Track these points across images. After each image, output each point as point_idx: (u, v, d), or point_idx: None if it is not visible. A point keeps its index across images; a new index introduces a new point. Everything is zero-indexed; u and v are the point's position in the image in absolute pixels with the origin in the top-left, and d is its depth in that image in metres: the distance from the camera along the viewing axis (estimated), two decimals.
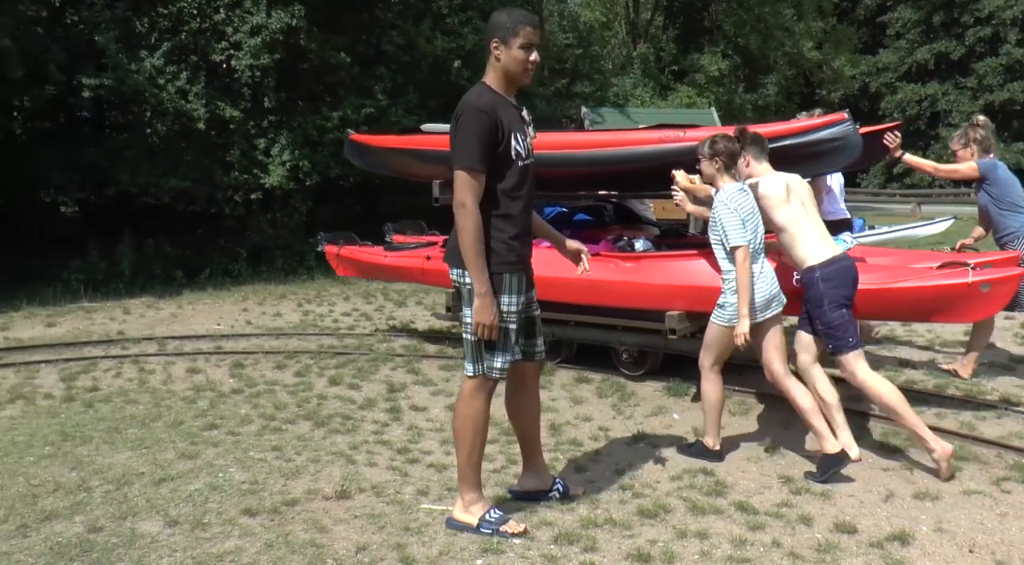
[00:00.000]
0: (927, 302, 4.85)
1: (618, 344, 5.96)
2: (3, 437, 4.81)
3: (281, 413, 5.25)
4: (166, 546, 3.35)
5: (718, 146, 4.26)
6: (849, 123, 4.99)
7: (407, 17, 12.47)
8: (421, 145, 6.57)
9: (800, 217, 4.36)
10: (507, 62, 3.35)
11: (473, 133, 3.22)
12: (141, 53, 11.02)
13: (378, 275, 7.77)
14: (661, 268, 5.48)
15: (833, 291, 4.21)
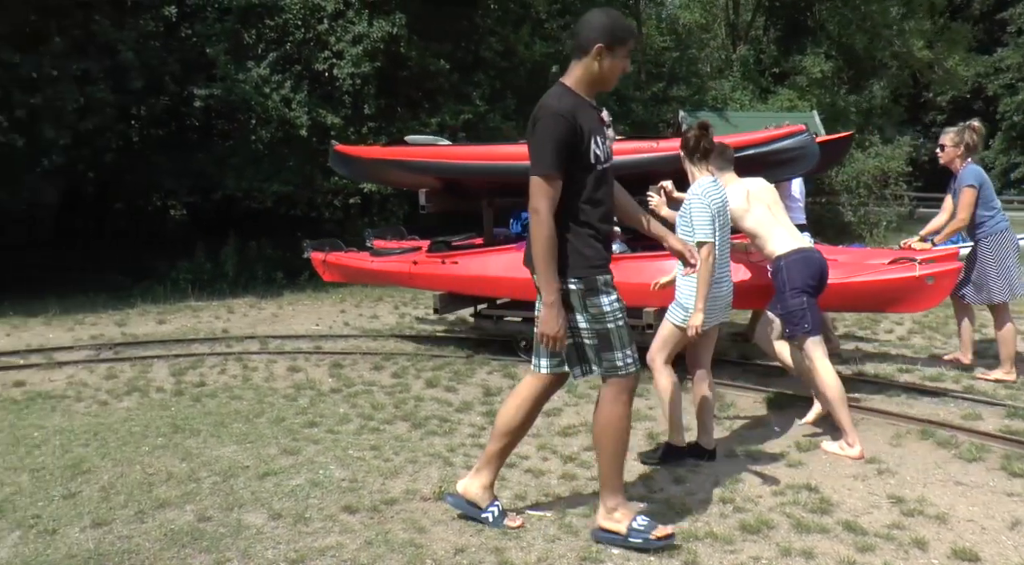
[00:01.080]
0: (881, 294, 5.30)
1: None
2: (121, 427, 5.06)
3: (379, 413, 5.33)
4: (270, 538, 3.43)
5: (688, 140, 4.30)
6: (808, 134, 5.60)
7: (506, 23, 12.54)
8: (407, 156, 6.95)
9: (765, 220, 4.71)
10: (607, 69, 3.27)
11: (551, 138, 3.13)
12: (248, 63, 11.46)
13: (365, 280, 8.05)
14: (637, 268, 5.82)
15: (796, 276, 4.51)
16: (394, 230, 8.28)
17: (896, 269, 5.28)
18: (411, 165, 6.89)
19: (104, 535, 3.50)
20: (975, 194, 5.82)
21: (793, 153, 5.64)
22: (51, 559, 3.30)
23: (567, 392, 5.78)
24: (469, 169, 6.78)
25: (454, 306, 7.14)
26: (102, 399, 5.86)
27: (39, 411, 5.56)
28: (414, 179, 7.20)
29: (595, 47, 3.22)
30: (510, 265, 6.36)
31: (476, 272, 6.64)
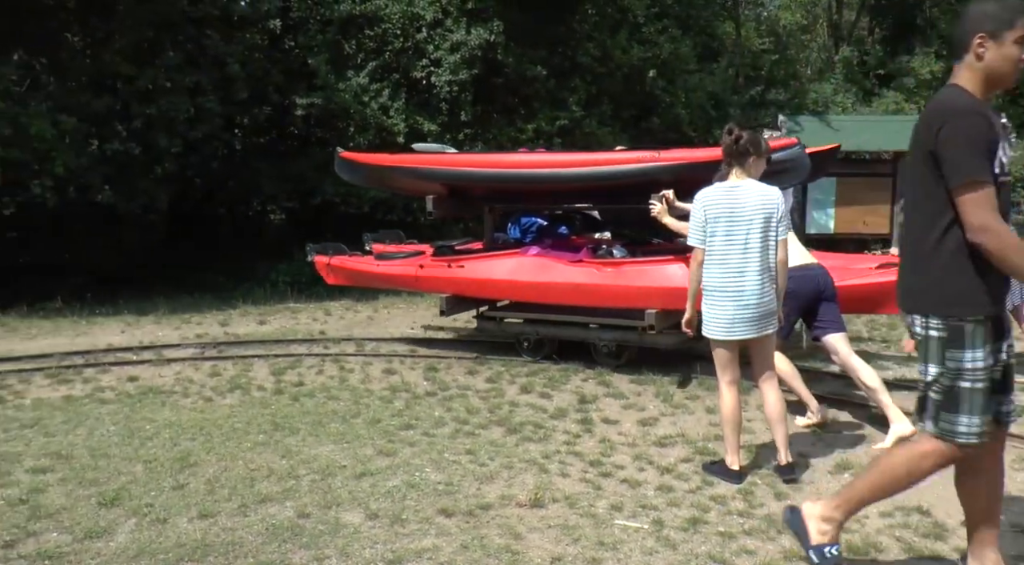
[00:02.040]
0: (870, 296, 5.69)
1: (598, 340, 6.66)
2: (225, 423, 5.22)
3: (474, 418, 5.33)
4: (367, 538, 3.46)
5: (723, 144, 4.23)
6: (799, 147, 5.87)
7: (603, 28, 12.46)
8: (415, 163, 7.13)
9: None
10: (994, 60, 2.70)
11: (970, 139, 2.61)
12: (348, 73, 11.74)
13: (369, 283, 8.09)
14: (639, 272, 6.24)
15: (796, 289, 4.83)
16: (393, 234, 8.47)
17: (882, 273, 5.78)
18: (421, 172, 7.08)
19: (210, 526, 3.61)
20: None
21: (787, 165, 5.83)
22: (162, 547, 3.41)
23: (663, 401, 5.68)
24: (473, 176, 6.94)
25: (460, 308, 7.38)
26: (207, 395, 6.07)
27: (150, 405, 5.79)
28: (420, 185, 7.39)
29: (975, 39, 2.71)
30: (515, 269, 6.70)
31: (482, 275, 6.86)
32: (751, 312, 4.05)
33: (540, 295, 6.63)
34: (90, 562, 3.32)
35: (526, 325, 7.03)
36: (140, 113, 11.63)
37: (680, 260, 6.08)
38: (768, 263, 4.07)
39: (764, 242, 4.04)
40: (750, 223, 4.02)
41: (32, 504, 3.90)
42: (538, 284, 6.53)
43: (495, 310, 7.35)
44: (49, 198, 11.06)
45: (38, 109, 10.85)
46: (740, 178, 4.13)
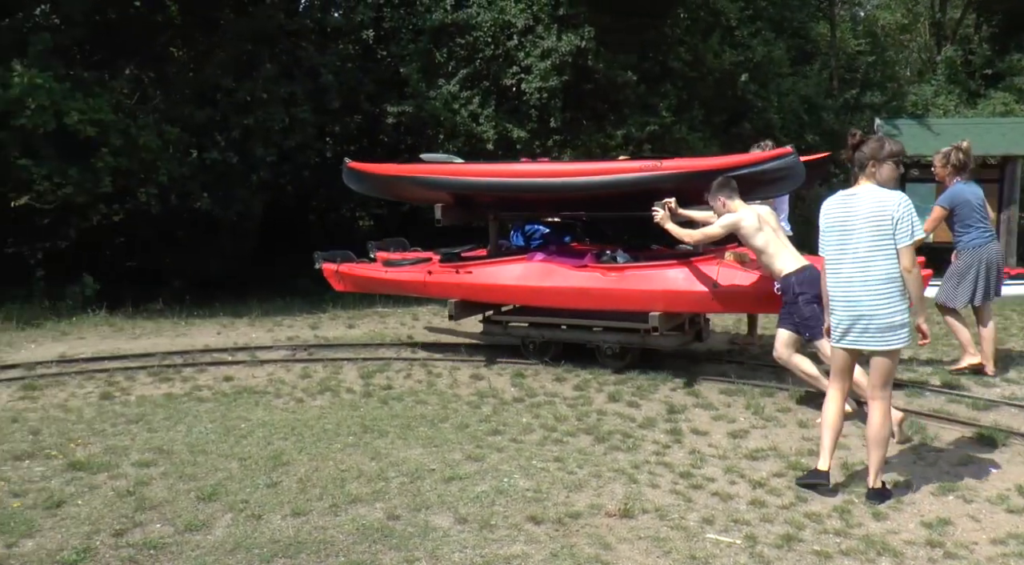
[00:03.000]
0: None
1: (602, 342, 6.87)
2: (315, 424, 5.32)
3: (562, 425, 5.30)
4: (457, 542, 3.47)
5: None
6: (794, 155, 6.00)
7: (695, 32, 12.26)
8: (422, 173, 7.26)
9: (773, 239, 5.54)
10: None
11: None
12: (439, 81, 11.87)
13: (378, 289, 8.26)
14: (643, 277, 6.45)
15: (807, 289, 5.24)
16: (396, 242, 8.53)
17: None
18: (430, 182, 7.21)
19: (302, 524, 3.68)
20: (943, 213, 6.52)
21: (783, 173, 6.08)
22: (257, 542, 3.50)
23: (753, 413, 5.54)
24: (480, 185, 7.09)
25: (467, 313, 7.52)
26: (298, 396, 6.21)
27: (244, 404, 5.97)
28: (428, 194, 7.57)
29: None
30: (522, 274, 6.90)
31: (490, 281, 7.02)
32: (862, 323, 3.96)
33: (547, 299, 6.88)
34: (191, 554, 3.42)
35: (531, 329, 7.26)
36: (238, 124, 12.05)
37: (682, 265, 6.39)
38: (887, 272, 3.92)
39: (877, 250, 3.92)
40: (860, 231, 3.94)
41: (138, 496, 4.07)
42: (545, 288, 6.77)
43: (500, 314, 7.55)
44: (153, 205, 11.58)
45: (146, 121, 11.37)
46: (861, 184, 4.06)
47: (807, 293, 5.26)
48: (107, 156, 10.60)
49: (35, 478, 4.41)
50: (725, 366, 6.93)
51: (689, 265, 6.37)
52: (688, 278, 6.28)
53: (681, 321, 6.95)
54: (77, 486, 4.26)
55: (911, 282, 3.91)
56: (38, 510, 3.94)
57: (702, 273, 6.28)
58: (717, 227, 5.74)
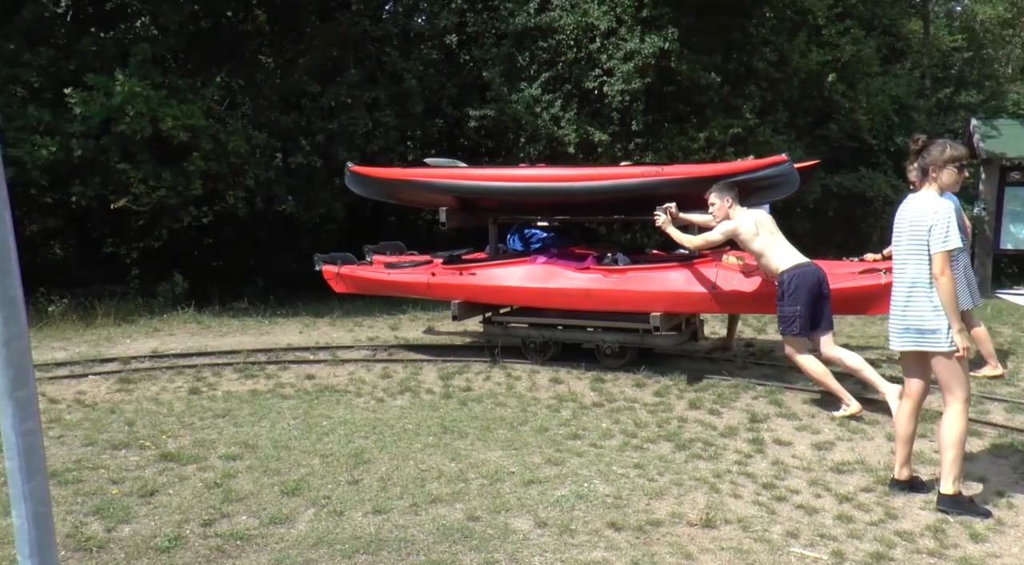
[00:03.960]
0: (857, 298, 6.20)
1: (601, 342, 7.08)
2: (396, 423, 5.38)
3: (642, 431, 5.22)
4: (536, 545, 3.44)
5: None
6: (788, 163, 6.31)
7: (781, 32, 11.95)
8: (428, 177, 7.41)
9: (770, 241, 5.82)
10: None
11: None
12: (521, 84, 11.89)
13: (380, 291, 8.31)
14: (644, 278, 6.71)
15: (801, 285, 5.54)
16: (393, 246, 8.72)
17: (867, 278, 6.21)
18: (435, 186, 7.37)
19: (383, 522, 3.71)
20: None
21: (779, 179, 6.35)
22: (339, 538, 3.54)
23: (839, 425, 5.35)
24: (486, 189, 7.21)
25: (470, 313, 7.68)
26: (378, 396, 6.29)
27: (326, 402, 6.07)
28: (432, 198, 7.73)
29: None
30: (526, 276, 7.10)
31: (494, 282, 7.20)
32: (894, 324, 4.08)
33: (550, 300, 7.08)
34: (275, 546, 3.49)
35: (531, 329, 7.43)
36: (322, 128, 12.33)
37: (682, 267, 6.66)
38: (915, 276, 3.97)
39: (911, 255, 3.99)
40: (902, 235, 4.05)
41: (225, 488, 4.18)
42: (548, 290, 6.97)
43: (501, 315, 7.72)
44: (240, 208, 11.94)
45: (234, 126, 11.75)
46: (921, 190, 4.09)
47: (794, 291, 5.57)
48: (198, 160, 11.00)
49: (130, 467, 4.58)
50: None
51: (689, 267, 6.64)
52: (688, 279, 6.57)
53: (679, 321, 7.17)
54: (168, 476, 4.40)
55: (939, 289, 3.88)
56: (133, 498, 4.09)
57: (701, 275, 6.56)
58: (717, 234, 5.99)
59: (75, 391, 6.65)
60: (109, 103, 10.53)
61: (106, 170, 11.22)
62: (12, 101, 10.85)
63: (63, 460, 4.70)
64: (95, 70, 11.01)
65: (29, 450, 1.51)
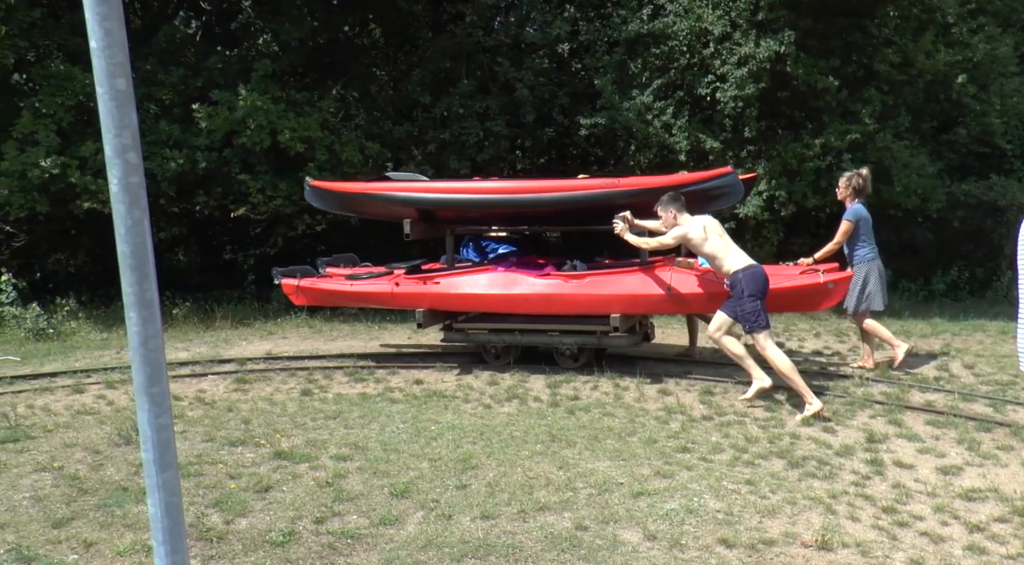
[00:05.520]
0: (798, 296, 6.80)
1: (560, 344, 7.47)
2: (503, 431, 5.40)
3: (753, 446, 5.06)
4: (646, 558, 3.38)
5: None
6: (734, 174, 6.95)
7: (906, 31, 11.37)
8: (390, 191, 7.61)
9: (720, 245, 6.21)
10: None
11: None
12: (632, 92, 11.78)
13: (342, 302, 8.56)
14: (602, 282, 7.15)
15: (750, 285, 6.01)
16: (347, 258, 8.91)
17: (806, 278, 6.78)
18: (397, 199, 7.56)
19: (491, 528, 3.72)
20: (851, 227, 7.24)
21: (725, 189, 6.94)
22: (448, 541, 3.58)
23: (967, 449, 5.03)
24: (445, 201, 7.45)
25: (434, 321, 7.86)
26: (486, 402, 6.33)
27: (434, 407, 6.16)
28: (393, 211, 7.89)
29: None
30: (489, 283, 7.41)
31: (458, 290, 7.49)
32: (1020, 343, 4.00)
33: (513, 306, 7.40)
34: (384, 546, 3.55)
35: (492, 334, 7.69)
36: (434, 138, 12.57)
37: (638, 271, 7.12)
38: None
39: None
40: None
41: (336, 487, 4.29)
42: (511, 296, 7.31)
43: (462, 322, 7.90)
44: (352, 217, 12.30)
45: (349, 137, 12.13)
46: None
47: (751, 289, 5.98)
48: (313, 170, 11.39)
49: (247, 463, 4.77)
50: (931, 395, 6.37)
51: (645, 270, 7.11)
52: (644, 282, 7.02)
53: (633, 323, 7.53)
54: (282, 474, 4.56)
55: None
56: (250, 493, 4.25)
57: (657, 278, 7.01)
58: (669, 238, 6.36)
59: (196, 389, 6.98)
60: (232, 117, 11.07)
61: (227, 181, 11.78)
62: (146, 117, 11.55)
63: (185, 454, 4.94)
64: (220, 86, 11.60)
65: (163, 443, 1.58)
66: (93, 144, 10.64)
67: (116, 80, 1.49)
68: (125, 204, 1.52)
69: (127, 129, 1.51)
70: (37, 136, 10.43)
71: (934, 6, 11.48)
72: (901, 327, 9.82)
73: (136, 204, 1.53)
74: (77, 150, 10.68)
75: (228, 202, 12.59)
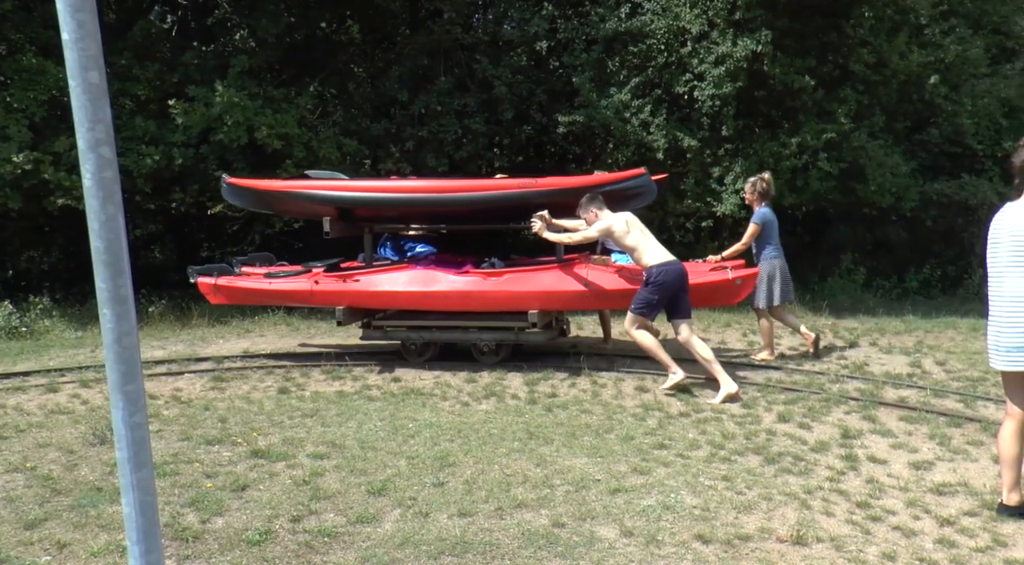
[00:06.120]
0: (710, 292, 7.23)
1: (478, 340, 7.61)
2: (481, 428, 5.40)
3: (729, 443, 5.10)
4: (622, 555, 3.39)
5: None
6: (647, 176, 7.31)
7: (880, 32, 11.49)
8: (308, 188, 7.62)
9: (641, 238, 6.58)
10: None
11: None
12: (610, 90, 11.82)
13: (260, 301, 8.51)
14: (521, 279, 7.38)
15: (665, 280, 6.41)
16: (263, 257, 8.91)
17: (717, 274, 7.24)
18: (317, 197, 7.56)
19: (468, 525, 3.72)
20: (758, 230, 7.67)
21: (640, 189, 7.32)
22: (425, 539, 3.57)
23: (939, 444, 5.10)
24: (365, 200, 7.51)
25: (354, 318, 7.91)
26: (464, 400, 6.33)
27: (412, 405, 6.15)
28: (312, 209, 7.92)
29: None
30: (409, 280, 7.54)
31: (378, 288, 7.59)
32: (993, 341, 3.90)
33: (433, 303, 7.55)
34: (361, 544, 3.54)
35: (411, 331, 7.79)
36: (412, 135, 12.54)
37: (556, 268, 7.40)
38: (1017, 290, 3.74)
39: (1012, 267, 3.76)
40: (997, 247, 3.83)
41: (313, 486, 4.27)
42: (431, 293, 7.46)
43: (380, 320, 7.98)
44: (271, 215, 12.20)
45: (326, 134, 12.06)
46: (1022, 198, 3.82)
47: (663, 283, 6.39)
48: (290, 167, 11.31)
49: (223, 462, 4.74)
50: (904, 391, 6.46)
51: (563, 267, 7.38)
52: (561, 279, 7.28)
53: (549, 319, 7.77)
54: (259, 472, 4.53)
55: None
56: (226, 491, 4.22)
57: (574, 274, 7.28)
58: (593, 231, 6.69)
59: (172, 388, 6.92)
60: (209, 113, 10.97)
61: (204, 177, 11.68)
62: (121, 113, 11.42)
63: (161, 453, 4.90)
64: (196, 82, 11.49)
65: (137, 442, 1.56)
66: (67, 139, 10.51)
67: (89, 73, 1.47)
68: (99, 199, 1.51)
69: (100, 123, 1.49)
70: (9, 131, 10.29)
71: (907, 7, 11.60)
72: (876, 324, 9.95)
73: (110, 199, 1.52)
74: (51, 145, 10.55)
75: (205, 199, 12.48)
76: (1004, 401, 4.28)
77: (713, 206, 11.61)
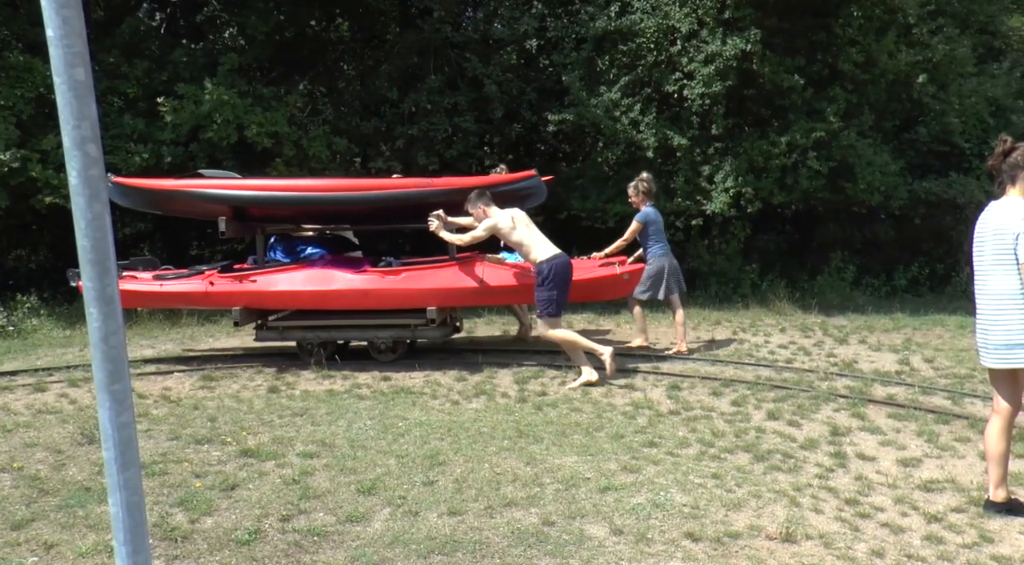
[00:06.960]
0: (598, 286, 7.55)
1: (375, 338, 7.71)
2: (471, 426, 5.40)
3: (719, 441, 5.11)
4: (612, 553, 3.40)
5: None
6: (537, 177, 7.62)
7: (869, 31, 11.54)
8: (201, 188, 7.49)
9: (528, 234, 6.78)
10: None
11: None
12: (600, 88, 11.83)
13: (151, 304, 8.37)
14: (418, 277, 7.48)
15: (553, 274, 6.60)
16: (147, 261, 8.65)
17: (605, 270, 7.55)
18: (204, 196, 7.45)
19: (458, 524, 3.72)
20: (640, 228, 8.06)
21: (530, 190, 7.64)
22: (414, 538, 3.57)
23: (926, 441, 5.13)
24: (260, 199, 7.44)
25: (251, 319, 7.84)
26: (454, 399, 6.33)
27: (402, 404, 6.14)
28: (205, 208, 7.74)
29: None
30: (307, 280, 7.50)
31: (276, 288, 7.53)
32: (981, 339, 3.94)
33: (331, 302, 7.55)
34: (351, 544, 3.54)
35: (307, 331, 7.80)
36: (402, 134, 12.52)
37: (452, 265, 7.52)
38: (1002, 287, 3.78)
39: (997, 265, 3.80)
40: (987, 243, 3.85)
41: (302, 485, 4.26)
42: (329, 292, 7.45)
43: (276, 321, 7.93)
44: None
45: (316, 132, 12.03)
46: (1007, 195, 3.87)
47: (553, 278, 6.58)
48: (280, 165, 11.28)
49: (213, 462, 4.72)
50: (894, 389, 6.49)
51: (459, 265, 7.51)
52: (458, 276, 7.42)
53: (445, 316, 7.90)
54: (248, 472, 4.52)
55: None
56: (216, 491, 4.21)
57: (469, 272, 7.43)
58: (481, 230, 6.86)
59: (161, 387, 6.90)
60: (198, 111, 10.93)
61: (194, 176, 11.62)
62: (109, 111, 11.36)
63: (150, 453, 4.87)
64: (185, 80, 11.44)
65: (124, 441, 1.55)
66: (55, 137, 10.45)
67: (75, 70, 1.46)
68: (85, 197, 1.50)
69: (86, 120, 1.48)
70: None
71: (896, 7, 11.66)
72: (864, 322, 10.00)
73: (96, 197, 1.51)
74: (38, 143, 10.49)
75: None
76: (991, 398, 4.31)
77: (703, 204, 11.64)
